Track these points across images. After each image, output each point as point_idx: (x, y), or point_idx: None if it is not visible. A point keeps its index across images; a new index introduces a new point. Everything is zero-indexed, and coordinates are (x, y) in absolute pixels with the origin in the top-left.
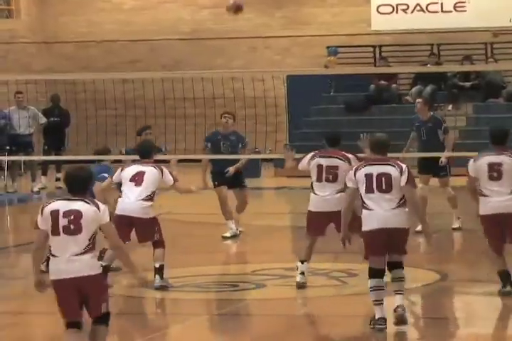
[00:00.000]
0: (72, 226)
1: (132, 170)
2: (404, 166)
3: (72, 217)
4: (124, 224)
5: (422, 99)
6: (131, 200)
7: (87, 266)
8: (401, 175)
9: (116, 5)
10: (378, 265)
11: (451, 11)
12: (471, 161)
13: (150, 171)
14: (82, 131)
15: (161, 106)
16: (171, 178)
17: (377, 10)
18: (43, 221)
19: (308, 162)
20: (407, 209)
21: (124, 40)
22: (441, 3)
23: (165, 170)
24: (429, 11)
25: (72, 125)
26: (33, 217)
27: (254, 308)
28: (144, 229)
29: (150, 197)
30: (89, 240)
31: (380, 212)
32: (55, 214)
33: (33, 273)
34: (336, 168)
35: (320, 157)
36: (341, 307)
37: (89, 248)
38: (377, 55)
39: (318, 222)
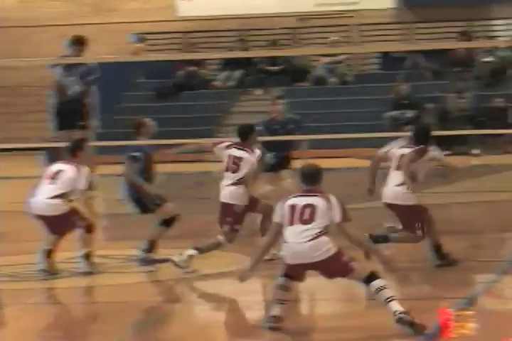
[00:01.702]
0: None
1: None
2: (334, 199)
3: None
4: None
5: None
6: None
7: None
8: (331, 209)
9: None
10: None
11: None
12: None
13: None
14: None
15: None
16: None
17: None
18: None
19: (224, 148)
20: (325, 239)
21: None
22: None
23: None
24: None
25: None
26: None
27: (69, 296)
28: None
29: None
30: None
31: (296, 247)
32: None
33: None
34: (241, 159)
35: (233, 148)
36: (150, 293)
37: None
38: (185, 41)
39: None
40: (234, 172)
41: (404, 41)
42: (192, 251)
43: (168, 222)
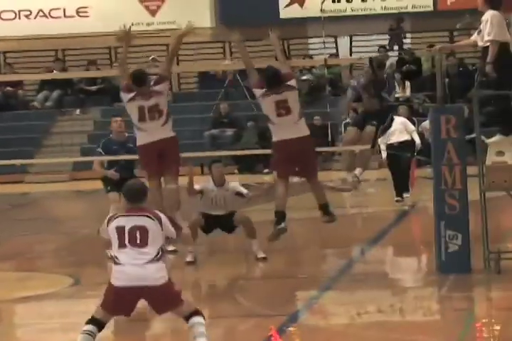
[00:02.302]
0: None
1: None
2: (162, 216)
3: None
4: None
5: None
6: None
7: None
8: (161, 227)
9: None
10: (102, 317)
11: (74, 16)
12: None
13: None
14: None
15: None
16: None
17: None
18: None
19: None
20: (162, 265)
21: None
22: (64, 9)
23: None
24: (52, 17)
25: None
26: None
27: None
28: None
29: None
30: None
31: (131, 268)
32: None
33: None
34: None
35: None
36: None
37: None
38: (2, 61)
39: None
40: None
41: (223, 60)
42: None
43: None
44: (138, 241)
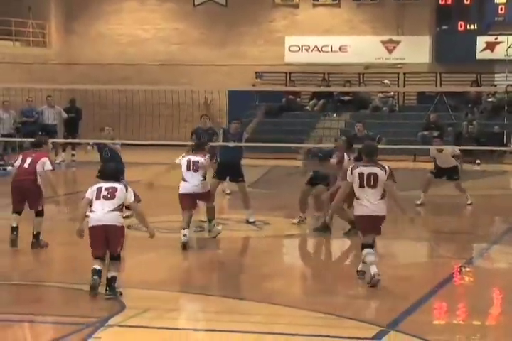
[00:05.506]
0: (109, 195)
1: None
2: (387, 167)
3: (110, 190)
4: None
5: (362, 123)
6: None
7: (114, 219)
8: (385, 173)
9: (116, 40)
10: (367, 240)
11: (337, 51)
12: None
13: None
14: (90, 123)
15: (144, 108)
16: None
17: (289, 49)
18: (90, 193)
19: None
20: (385, 200)
21: (120, 63)
22: (331, 46)
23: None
24: (323, 51)
25: (83, 119)
26: (56, 179)
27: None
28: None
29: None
30: (119, 206)
31: (367, 204)
32: (99, 188)
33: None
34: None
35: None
36: (258, 245)
37: (118, 209)
38: (288, 79)
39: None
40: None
41: (434, 84)
42: None
43: None
44: (371, 184)
